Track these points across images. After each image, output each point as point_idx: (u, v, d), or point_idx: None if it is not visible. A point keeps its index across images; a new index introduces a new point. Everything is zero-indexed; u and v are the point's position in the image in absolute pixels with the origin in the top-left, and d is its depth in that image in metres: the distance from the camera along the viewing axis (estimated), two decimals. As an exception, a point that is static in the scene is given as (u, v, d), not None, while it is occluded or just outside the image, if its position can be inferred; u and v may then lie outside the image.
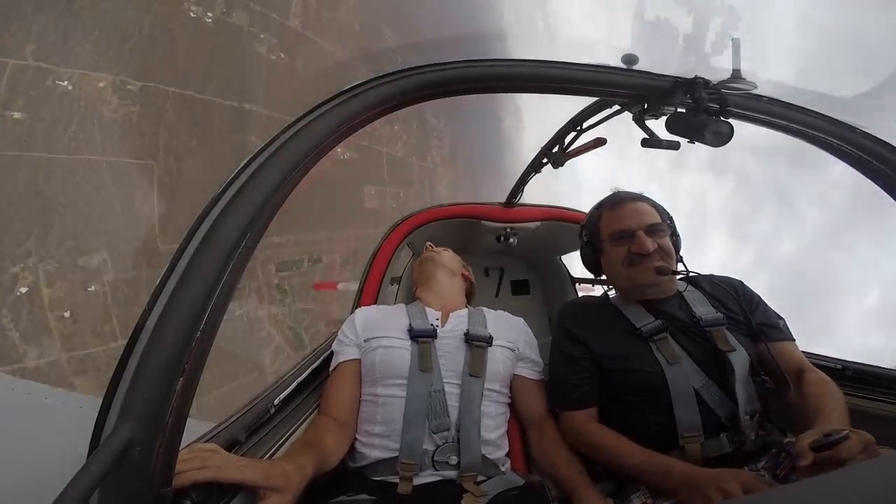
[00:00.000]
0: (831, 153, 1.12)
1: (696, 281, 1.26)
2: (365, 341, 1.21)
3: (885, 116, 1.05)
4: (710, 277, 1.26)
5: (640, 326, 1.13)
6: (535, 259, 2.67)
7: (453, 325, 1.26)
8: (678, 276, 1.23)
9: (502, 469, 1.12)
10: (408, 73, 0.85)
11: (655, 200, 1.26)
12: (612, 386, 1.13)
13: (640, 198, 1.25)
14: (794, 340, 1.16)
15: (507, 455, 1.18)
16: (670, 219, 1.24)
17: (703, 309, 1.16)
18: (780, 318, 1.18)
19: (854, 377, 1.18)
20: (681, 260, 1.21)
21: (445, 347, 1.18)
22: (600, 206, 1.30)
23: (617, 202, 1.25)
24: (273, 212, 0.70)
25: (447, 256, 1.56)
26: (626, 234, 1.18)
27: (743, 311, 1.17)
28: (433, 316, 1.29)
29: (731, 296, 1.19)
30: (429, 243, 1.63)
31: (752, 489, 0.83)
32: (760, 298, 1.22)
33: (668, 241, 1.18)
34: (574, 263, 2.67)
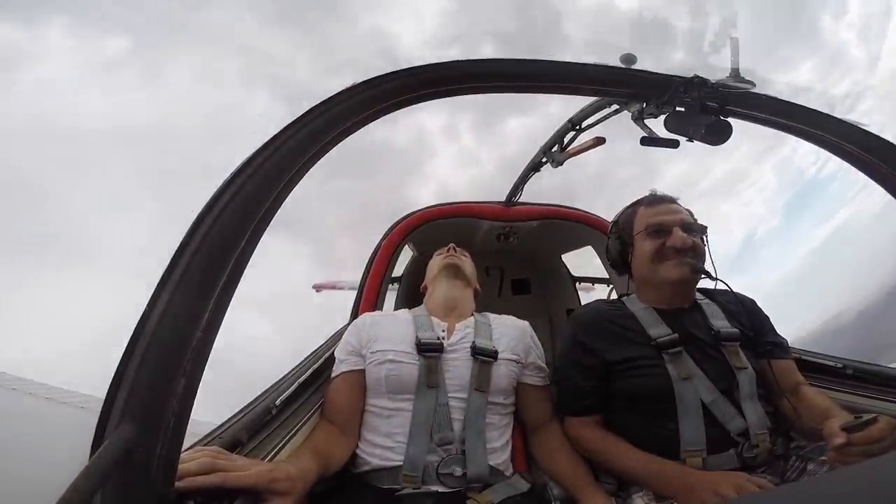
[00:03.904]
0: (831, 151, 1.12)
1: (712, 294, 1.26)
2: (371, 353, 1.18)
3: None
4: (726, 292, 1.25)
5: (656, 337, 1.12)
6: (536, 258, 2.66)
7: (460, 337, 1.23)
8: (701, 286, 1.24)
9: (507, 474, 1.11)
10: (408, 72, 0.84)
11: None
12: (620, 392, 1.13)
13: (677, 201, 1.27)
14: (793, 360, 1.20)
15: (511, 457, 1.17)
16: (703, 228, 1.23)
17: (719, 322, 1.16)
18: (784, 338, 1.21)
19: (854, 376, 1.18)
20: (707, 272, 1.18)
21: (452, 361, 1.17)
22: (637, 203, 1.32)
23: (656, 200, 1.28)
24: (273, 210, 0.69)
25: (469, 265, 1.51)
26: (664, 228, 1.19)
27: (753, 329, 1.18)
28: (440, 327, 1.26)
29: (744, 312, 1.20)
30: (452, 244, 1.56)
31: (746, 490, 0.83)
32: (768, 318, 1.24)
33: (701, 243, 1.18)
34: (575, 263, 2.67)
